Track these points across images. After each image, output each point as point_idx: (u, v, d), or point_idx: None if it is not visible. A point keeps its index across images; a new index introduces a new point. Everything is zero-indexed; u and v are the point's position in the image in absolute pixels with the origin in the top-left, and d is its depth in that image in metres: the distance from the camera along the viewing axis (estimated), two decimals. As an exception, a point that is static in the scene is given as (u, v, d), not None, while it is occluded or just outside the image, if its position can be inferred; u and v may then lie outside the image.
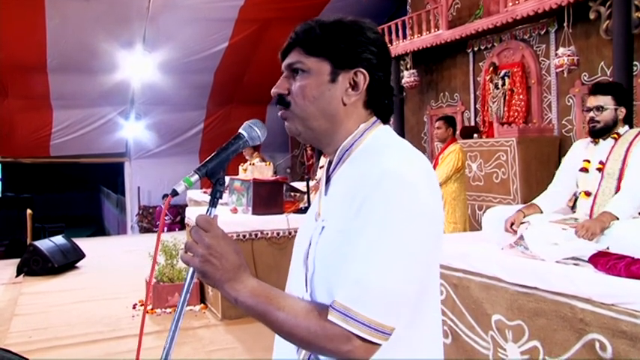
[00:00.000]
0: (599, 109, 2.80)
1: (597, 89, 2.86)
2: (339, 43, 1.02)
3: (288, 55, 1.07)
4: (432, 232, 0.94)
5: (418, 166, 0.96)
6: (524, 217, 2.88)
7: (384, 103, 1.08)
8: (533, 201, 3.04)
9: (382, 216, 0.90)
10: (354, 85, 1.04)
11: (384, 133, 1.06)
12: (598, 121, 2.81)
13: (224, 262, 0.94)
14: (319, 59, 1.03)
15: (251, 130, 1.06)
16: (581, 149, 2.99)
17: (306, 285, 1.01)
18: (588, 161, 2.88)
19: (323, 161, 7.14)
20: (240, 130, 1.06)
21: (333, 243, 0.97)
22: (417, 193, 0.92)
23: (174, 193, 0.97)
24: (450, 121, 5.56)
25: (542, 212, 2.93)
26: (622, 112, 2.81)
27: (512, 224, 2.86)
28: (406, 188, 0.91)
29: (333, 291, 0.94)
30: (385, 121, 1.09)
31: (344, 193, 0.99)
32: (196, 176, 0.98)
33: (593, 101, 2.84)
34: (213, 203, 1.00)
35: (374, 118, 1.07)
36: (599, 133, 2.84)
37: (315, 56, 1.03)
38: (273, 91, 1.06)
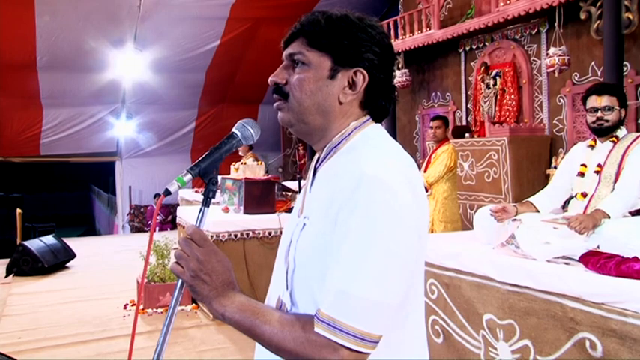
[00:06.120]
0: (609, 108, 2.79)
1: (604, 89, 2.84)
2: (342, 40, 1.01)
3: (290, 45, 1.05)
4: (414, 235, 0.93)
5: (398, 169, 0.95)
6: (516, 213, 2.88)
7: (380, 105, 1.06)
8: (529, 199, 3.05)
9: (363, 224, 0.89)
10: (353, 85, 1.02)
11: (373, 132, 1.04)
12: (607, 120, 2.79)
13: (214, 279, 0.95)
14: (321, 53, 1.02)
15: (244, 129, 1.06)
16: (578, 153, 2.99)
17: (287, 282, 1.01)
18: (585, 165, 2.89)
19: (315, 160, 7.14)
20: (234, 130, 1.06)
21: (312, 242, 0.97)
22: (397, 197, 0.90)
23: (167, 192, 0.97)
24: (446, 121, 5.62)
25: (537, 211, 2.94)
26: (623, 113, 2.84)
27: (498, 211, 2.87)
28: (385, 193, 0.90)
29: (315, 297, 0.94)
30: (378, 121, 1.07)
31: (325, 192, 0.98)
32: (189, 176, 0.98)
33: (601, 101, 2.81)
34: (206, 203, 1.00)
35: (365, 117, 1.06)
36: (605, 131, 2.82)
37: (316, 49, 1.02)
38: (271, 79, 1.04)
